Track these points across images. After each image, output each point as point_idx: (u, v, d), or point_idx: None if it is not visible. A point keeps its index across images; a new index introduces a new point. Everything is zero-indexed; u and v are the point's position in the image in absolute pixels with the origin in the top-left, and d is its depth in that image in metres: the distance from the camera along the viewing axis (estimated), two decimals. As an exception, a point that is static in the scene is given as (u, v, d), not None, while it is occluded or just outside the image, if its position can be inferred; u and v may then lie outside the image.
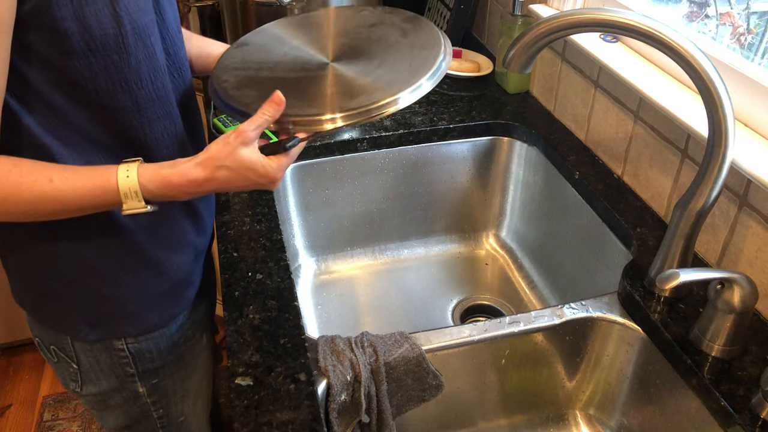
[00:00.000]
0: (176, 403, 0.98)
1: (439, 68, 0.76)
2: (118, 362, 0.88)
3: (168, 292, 0.88)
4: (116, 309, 0.84)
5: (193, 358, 0.97)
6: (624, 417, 0.93)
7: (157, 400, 0.95)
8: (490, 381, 0.93)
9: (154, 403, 0.95)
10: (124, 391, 0.91)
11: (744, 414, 0.70)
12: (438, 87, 1.38)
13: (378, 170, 1.25)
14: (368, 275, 1.31)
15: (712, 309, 0.75)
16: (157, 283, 0.86)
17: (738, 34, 0.99)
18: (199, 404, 1.03)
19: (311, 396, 0.72)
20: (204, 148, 0.72)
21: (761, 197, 0.80)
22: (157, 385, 0.93)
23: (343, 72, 0.77)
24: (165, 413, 0.97)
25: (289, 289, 0.87)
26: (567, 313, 0.89)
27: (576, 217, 1.12)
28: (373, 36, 0.82)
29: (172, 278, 0.87)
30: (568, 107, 1.22)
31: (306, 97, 0.75)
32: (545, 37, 0.76)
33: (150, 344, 0.88)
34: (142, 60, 0.72)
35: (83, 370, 0.89)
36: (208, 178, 0.70)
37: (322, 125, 0.72)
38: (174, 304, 0.90)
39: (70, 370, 0.90)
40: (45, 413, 1.86)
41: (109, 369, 0.88)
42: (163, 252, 0.85)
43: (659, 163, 0.99)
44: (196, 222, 0.90)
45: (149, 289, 0.85)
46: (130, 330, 0.86)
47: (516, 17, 1.28)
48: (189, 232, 0.88)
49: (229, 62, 0.85)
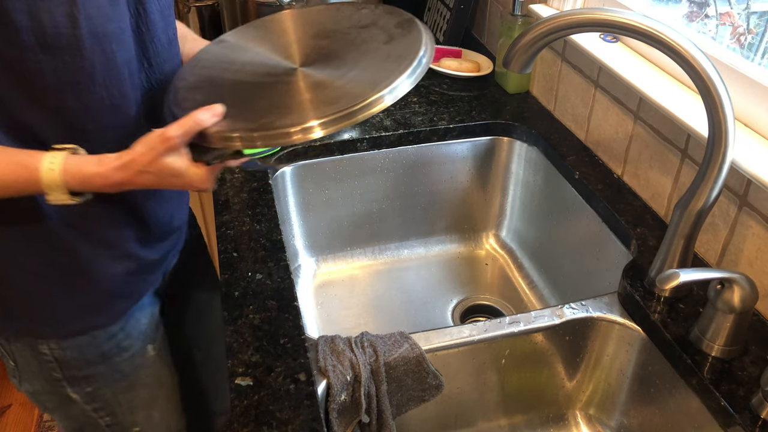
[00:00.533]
0: (124, 414, 0.94)
1: (396, 87, 0.69)
2: (44, 365, 0.85)
3: (94, 302, 0.84)
4: (37, 308, 0.81)
5: (134, 371, 0.92)
6: (624, 417, 0.93)
7: (99, 407, 0.91)
8: (490, 381, 0.93)
9: (96, 410, 0.92)
10: (57, 395, 0.89)
11: (744, 414, 0.70)
12: (438, 87, 1.39)
13: (378, 170, 1.25)
14: (368, 275, 1.31)
15: (712, 309, 0.75)
16: (84, 290, 0.82)
17: (738, 34, 0.99)
18: (156, 416, 0.98)
19: (311, 396, 0.72)
20: None
21: (761, 197, 0.80)
22: (93, 393, 0.89)
23: (302, 81, 0.73)
24: (113, 422, 0.94)
25: (289, 289, 0.87)
26: (567, 313, 0.89)
27: (576, 217, 1.12)
28: (357, 39, 0.79)
29: (101, 288, 0.83)
30: (568, 107, 1.22)
31: (251, 106, 0.71)
32: (545, 37, 0.76)
33: (74, 352, 0.85)
34: (98, 65, 0.70)
35: (19, 368, 0.87)
36: (129, 182, 0.69)
37: (247, 143, 0.68)
38: (98, 314, 0.85)
39: (10, 366, 0.88)
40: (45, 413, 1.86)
41: (38, 371, 0.86)
42: (95, 258, 0.81)
43: (659, 163, 0.99)
44: (141, 232, 0.85)
45: (74, 295, 0.82)
46: (49, 332, 0.83)
47: (516, 17, 1.28)
48: (130, 241, 0.84)
49: (201, 58, 0.83)
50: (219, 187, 1.08)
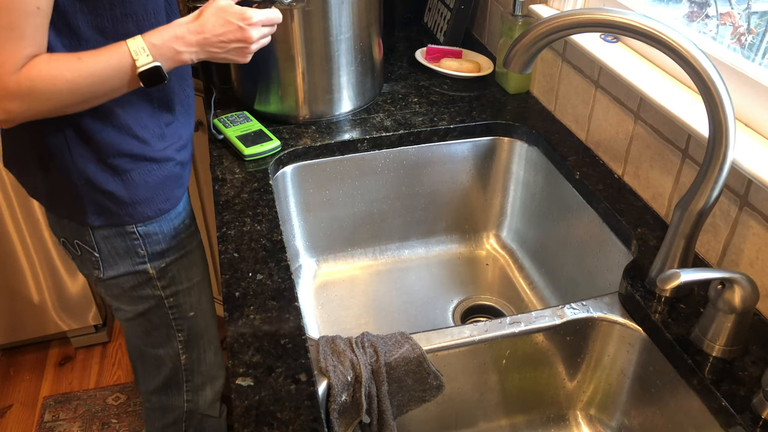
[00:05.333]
0: (184, 294, 1.14)
1: None
2: (130, 244, 1.04)
3: (164, 189, 1.04)
4: (124, 198, 1.00)
5: (192, 249, 1.14)
6: (625, 417, 0.93)
7: (167, 285, 1.11)
8: (491, 381, 0.93)
9: (164, 288, 1.11)
10: (137, 274, 1.08)
11: (745, 414, 0.70)
12: (438, 87, 1.39)
13: (378, 170, 1.25)
14: (369, 275, 1.31)
15: (713, 309, 0.75)
16: (155, 180, 1.02)
17: (738, 34, 0.99)
18: (203, 302, 1.19)
19: (312, 396, 0.72)
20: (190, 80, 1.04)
21: (762, 197, 0.80)
22: (165, 269, 1.09)
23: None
24: (175, 304, 1.13)
25: (290, 289, 0.87)
26: (568, 313, 0.89)
27: (577, 218, 1.12)
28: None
29: (168, 177, 1.04)
30: (569, 107, 1.22)
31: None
32: (546, 37, 0.76)
33: (155, 227, 1.05)
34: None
35: (103, 257, 1.05)
36: (196, 20, 0.90)
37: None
38: (166, 201, 1.05)
39: (92, 259, 1.06)
40: (45, 414, 1.86)
41: (124, 252, 1.05)
42: (163, 151, 1.02)
43: (660, 163, 0.99)
44: (186, 132, 1.09)
45: (149, 185, 1.02)
46: (130, 220, 1.02)
47: (516, 17, 1.28)
48: (183, 138, 1.07)
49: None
50: (219, 187, 1.08)
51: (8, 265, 1.81)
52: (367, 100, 1.31)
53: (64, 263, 1.85)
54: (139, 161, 0.99)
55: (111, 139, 0.95)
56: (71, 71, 0.83)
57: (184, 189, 1.10)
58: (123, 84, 0.88)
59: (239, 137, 1.16)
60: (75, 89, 0.84)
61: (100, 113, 0.93)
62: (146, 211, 1.03)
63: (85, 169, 0.96)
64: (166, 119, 1.02)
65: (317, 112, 1.25)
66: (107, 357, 2.05)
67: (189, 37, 0.89)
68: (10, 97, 0.81)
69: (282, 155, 1.17)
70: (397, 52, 1.57)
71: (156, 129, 1.00)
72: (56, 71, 0.82)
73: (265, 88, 1.23)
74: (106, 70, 0.85)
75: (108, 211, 1.00)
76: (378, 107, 1.31)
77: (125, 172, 0.98)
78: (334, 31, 1.17)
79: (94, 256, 1.05)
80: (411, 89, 1.38)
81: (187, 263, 1.13)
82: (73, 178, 0.97)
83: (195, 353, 1.21)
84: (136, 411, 1.86)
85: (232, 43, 0.92)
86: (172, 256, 1.10)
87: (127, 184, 0.99)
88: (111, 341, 2.11)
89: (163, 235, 1.07)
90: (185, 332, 1.18)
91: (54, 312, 1.93)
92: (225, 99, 1.34)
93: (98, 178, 0.97)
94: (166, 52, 0.88)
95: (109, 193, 0.99)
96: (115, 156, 0.97)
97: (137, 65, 0.86)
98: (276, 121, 1.25)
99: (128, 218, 1.02)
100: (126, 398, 1.90)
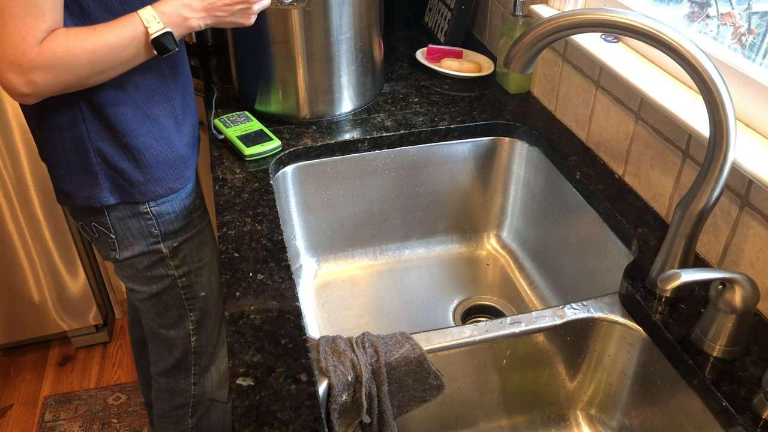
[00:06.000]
0: (195, 274, 1.19)
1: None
2: (144, 225, 1.09)
3: (173, 168, 1.08)
4: (137, 176, 1.04)
5: (202, 229, 1.18)
6: (625, 417, 0.93)
7: (179, 264, 1.15)
8: (491, 381, 0.93)
9: (177, 267, 1.15)
10: (151, 254, 1.13)
11: (745, 415, 0.70)
12: (439, 87, 1.39)
13: (379, 171, 1.25)
14: (369, 275, 1.31)
15: (714, 309, 0.75)
16: (165, 159, 1.06)
17: (739, 34, 0.99)
18: (213, 282, 1.23)
19: (312, 396, 0.72)
20: None
21: (763, 197, 0.80)
22: (177, 248, 1.14)
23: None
24: (188, 284, 1.18)
25: (290, 289, 0.87)
26: (568, 313, 0.89)
27: (577, 218, 1.12)
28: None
29: (177, 157, 1.08)
30: (569, 107, 1.22)
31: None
32: (546, 37, 0.76)
33: (167, 207, 1.10)
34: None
35: (119, 239, 1.10)
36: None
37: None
38: (176, 180, 1.09)
39: (109, 241, 1.11)
40: (46, 414, 1.86)
41: (138, 233, 1.10)
42: (172, 132, 1.06)
43: (660, 164, 0.99)
44: (192, 114, 1.14)
45: (159, 164, 1.05)
46: (141, 198, 1.06)
47: (517, 17, 1.28)
48: (189, 120, 1.12)
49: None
50: (220, 188, 1.08)
51: (9, 265, 1.81)
52: (368, 100, 1.31)
53: (64, 263, 1.85)
54: (150, 139, 1.03)
55: (125, 116, 0.99)
56: (89, 41, 0.87)
57: (192, 169, 1.14)
58: (138, 53, 0.92)
59: (240, 137, 1.17)
60: (94, 59, 0.88)
61: (113, 89, 0.97)
62: (158, 190, 1.07)
63: (101, 146, 1.00)
64: (176, 97, 1.06)
65: (318, 112, 1.25)
66: (108, 357, 2.05)
67: (195, 3, 0.93)
68: (34, 69, 0.85)
69: (283, 155, 1.17)
70: (397, 52, 1.57)
71: (167, 106, 1.05)
72: (75, 42, 0.86)
73: (266, 88, 1.23)
74: (122, 39, 0.89)
75: (121, 188, 1.04)
76: (379, 107, 1.31)
77: (137, 150, 1.02)
78: (335, 31, 1.17)
79: (111, 238, 1.10)
80: (411, 89, 1.38)
81: (198, 243, 1.18)
82: (89, 155, 1.01)
83: (204, 335, 1.26)
84: (136, 411, 1.86)
85: (236, 5, 0.96)
86: (184, 235, 1.14)
87: (139, 163, 1.03)
88: (111, 341, 2.11)
89: (175, 214, 1.12)
90: (197, 312, 1.22)
91: (54, 312, 1.94)
92: (226, 99, 1.34)
93: (112, 156, 1.01)
94: (176, 18, 0.92)
95: (121, 170, 1.03)
96: (127, 134, 1.00)
97: (149, 32, 0.90)
98: (277, 121, 1.25)
99: (140, 196, 1.06)
100: (126, 398, 1.90)
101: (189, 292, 1.19)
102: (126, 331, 2.14)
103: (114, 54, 0.90)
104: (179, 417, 1.33)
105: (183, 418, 1.33)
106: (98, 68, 0.90)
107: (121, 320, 2.17)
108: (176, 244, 1.14)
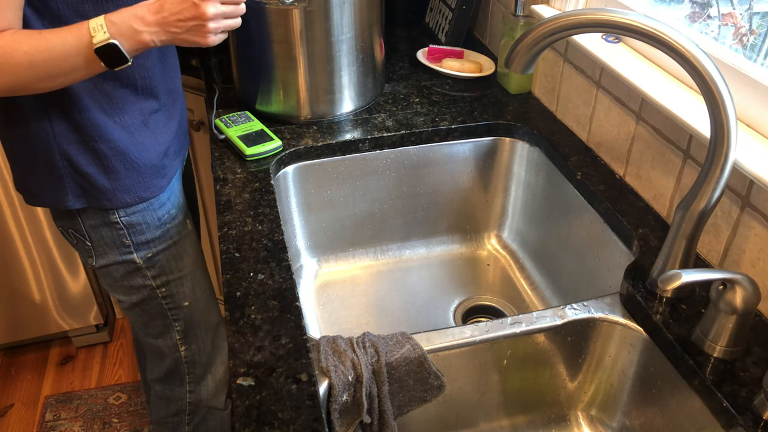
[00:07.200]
0: (176, 284, 1.16)
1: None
2: (116, 234, 1.07)
3: (142, 177, 1.05)
4: (100, 184, 1.02)
5: (180, 240, 1.15)
6: (626, 418, 0.93)
7: (157, 275, 1.13)
8: (492, 381, 0.93)
9: (154, 277, 1.13)
10: (125, 264, 1.10)
11: (746, 415, 0.70)
12: (440, 87, 1.39)
13: (380, 171, 1.25)
14: (370, 276, 1.31)
15: (714, 310, 0.75)
16: (133, 168, 1.03)
17: (740, 34, 0.98)
18: (197, 292, 1.20)
19: (313, 396, 0.72)
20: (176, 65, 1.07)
21: (763, 198, 0.80)
22: (152, 259, 1.11)
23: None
24: (168, 294, 1.15)
25: (291, 289, 0.87)
26: (569, 313, 0.89)
27: (578, 218, 1.12)
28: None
29: (145, 166, 1.05)
30: (570, 108, 1.22)
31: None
32: (547, 37, 0.76)
33: (138, 218, 1.07)
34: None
35: (94, 246, 1.09)
36: (157, 0, 0.87)
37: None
38: (145, 189, 1.06)
39: (85, 248, 1.09)
40: (47, 413, 1.86)
41: (111, 242, 1.08)
42: (139, 142, 1.03)
43: (661, 164, 0.99)
44: (178, 129, 1.12)
45: (128, 172, 1.03)
46: (110, 204, 1.04)
47: (518, 17, 1.28)
48: (171, 129, 1.10)
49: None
50: (221, 187, 1.08)
51: (10, 265, 1.81)
52: (369, 101, 1.31)
53: (65, 263, 1.85)
54: (118, 146, 1.00)
55: (93, 120, 0.97)
56: (29, 45, 0.84)
57: (167, 179, 1.10)
58: (83, 62, 0.87)
59: (241, 137, 1.17)
60: (33, 63, 0.84)
61: (83, 94, 0.95)
62: (125, 198, 1.04)
63: (67, 149, 0.98)
64: (150, 107, 1.03)
65: (319, 112, 1.25)
66: (108, 356, 2.05)
67: (148, 16, 0.87)
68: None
69: (283, 155, 1.17)
70: (398, 52, 1.57)
71: (138, 116, 1.01)
72: (15, 44, 0.83)
73: (267, 88, 1.23)
74: (64, 46, 0.85)
75: (87, 193, 1.02)
76: (379, 107, 1.31)
77: (105, 156, 1.00)
78: (336, 31, 1.17)
79: (87, 245, 1.09)
80: (412, 89, 1.38)
81: (176, 253, 1.14)
82: (55, 157, 0.98)
83: (194, 345, 1.24)
84: (137, 410, 1.86)
85: (188, 21, 0.88)
86: (159, 246, 1.11)
87: (107, 169, 1.01)
88: (112, 341, 2.11)
89: (146, 225, 1.09)
90: (182, 322, 1.20)
91: (55, 311, 1.94)
92: (226, 99, 1.34)
93: (78, 160, 0.99)
94: (126, 30, 0.86)
95: (87, 175, 1.00)
96: (95, 139, 0.98)
97: (93, 42, 0.85)
98: (277, 121, 1.25)
99: (107, 203, 1.03)
100: (127, 398, 1.90)
101: (171, 302, 1.17)
102: (126, 331, 2.14)
103: (56, 60, 0.85)
104: (176, 424, 1.32)
105: (180, 425, 1.32)
106: (41, 74, 0.86)
107: (121, 320, 2.18)
108: (150, 255, 1.11)
